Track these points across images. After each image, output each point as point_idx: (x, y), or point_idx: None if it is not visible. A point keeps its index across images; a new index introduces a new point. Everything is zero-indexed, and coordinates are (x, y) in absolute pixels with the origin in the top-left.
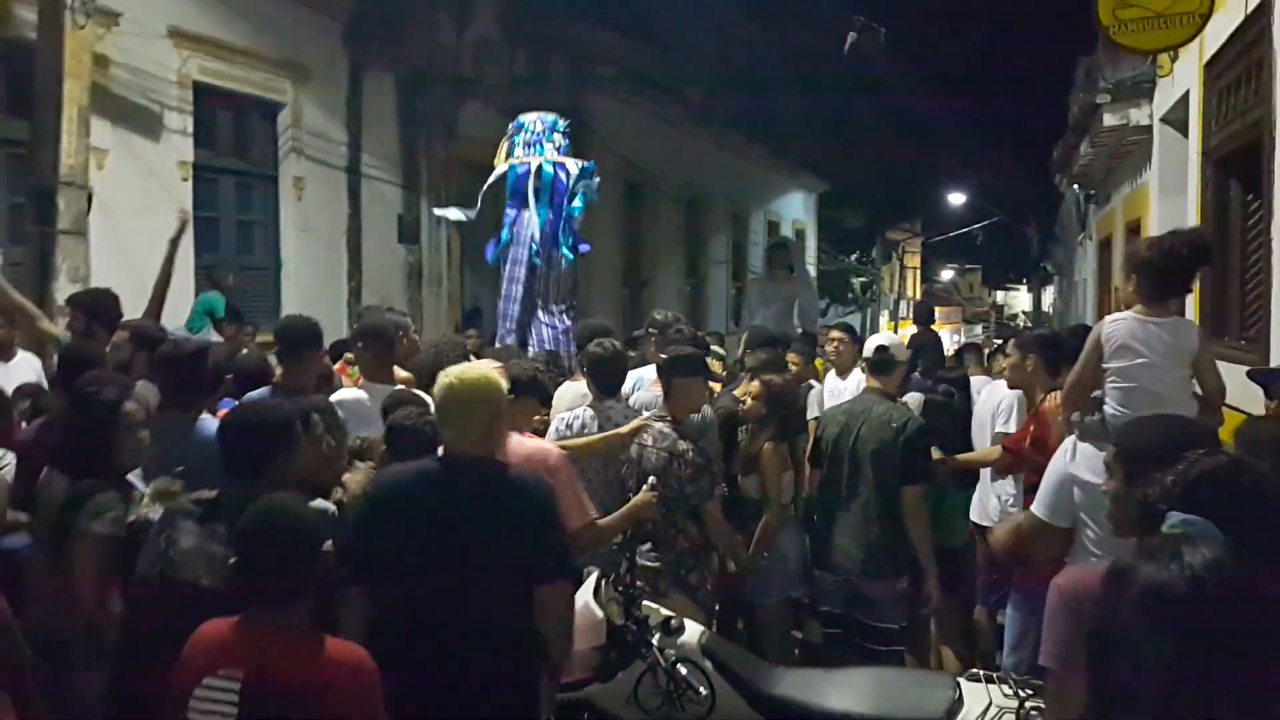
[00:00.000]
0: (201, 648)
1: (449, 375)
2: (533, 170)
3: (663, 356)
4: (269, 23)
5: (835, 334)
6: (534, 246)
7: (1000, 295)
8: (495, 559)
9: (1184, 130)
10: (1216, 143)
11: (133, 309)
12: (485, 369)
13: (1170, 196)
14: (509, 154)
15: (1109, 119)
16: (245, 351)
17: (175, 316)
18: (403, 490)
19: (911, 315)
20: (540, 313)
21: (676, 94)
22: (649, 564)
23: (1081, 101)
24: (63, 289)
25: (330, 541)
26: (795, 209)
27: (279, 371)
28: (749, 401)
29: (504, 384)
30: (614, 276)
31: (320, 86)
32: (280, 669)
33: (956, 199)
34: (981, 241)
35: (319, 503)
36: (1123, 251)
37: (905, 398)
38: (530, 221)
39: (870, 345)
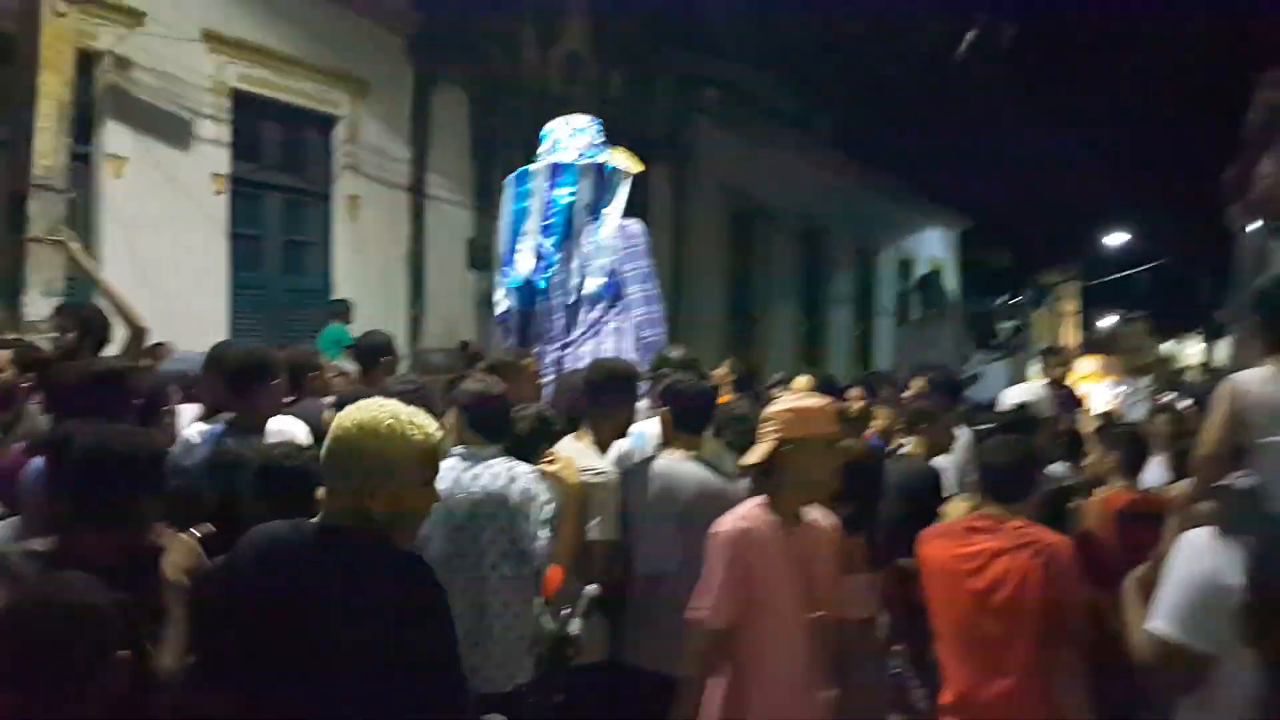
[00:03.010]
0: None
1: (348, 413)
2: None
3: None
4: (323, 31)
5: (916, 382)
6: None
7: (1169, 345)
8: (364, 672)
9: None
10: None
11: (156, 331)
12: (393, 409)
13: None
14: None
15: None
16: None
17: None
18: (258, 564)
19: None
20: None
21: (791, 119)
22: None
23: (1265, 103)
24: (34, 303)
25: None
26: (932, 246)
27: None
28: None
29: (418, 436)
30: (719, 313)
31: (381, 100)
32: None
33: (1117, 239)
34: (1146, 287)
35: None
36: None
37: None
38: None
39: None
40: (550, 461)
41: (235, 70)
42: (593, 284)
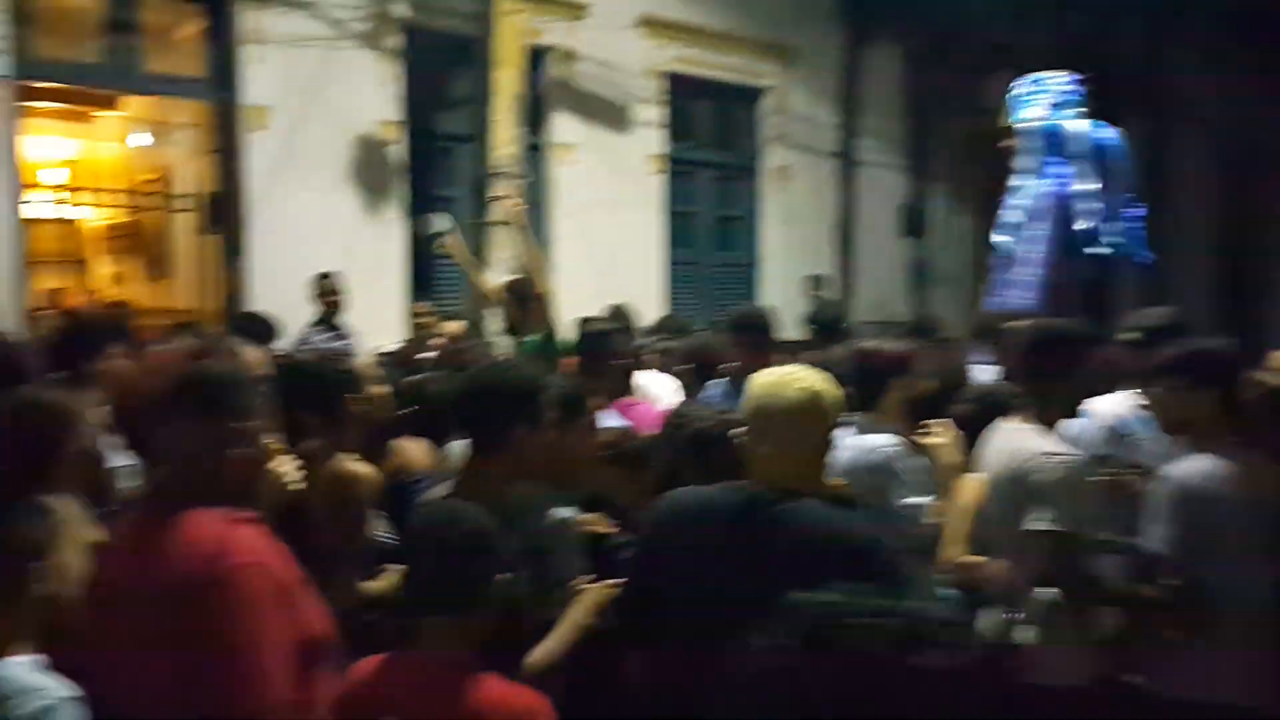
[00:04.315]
0: (356, 689)
1: (774, 375)
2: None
3: None
4: (751, 3)
5: None
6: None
7: None
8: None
9: None
10: None
11: (599, 307)
12: (820, 374)
13: None
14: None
15: None
16: None
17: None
18: (686, 525)
19: None
20: None
21: None
22: None
23: None
24: (495, 281)
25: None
26: None
27: None
28: None
29: (831, 400)
30: (1208, 284)
31: (809, 67)
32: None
33: None
34: None
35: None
36: None
37: None
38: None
39: None
40: (925, 433)
41: (669, 52)
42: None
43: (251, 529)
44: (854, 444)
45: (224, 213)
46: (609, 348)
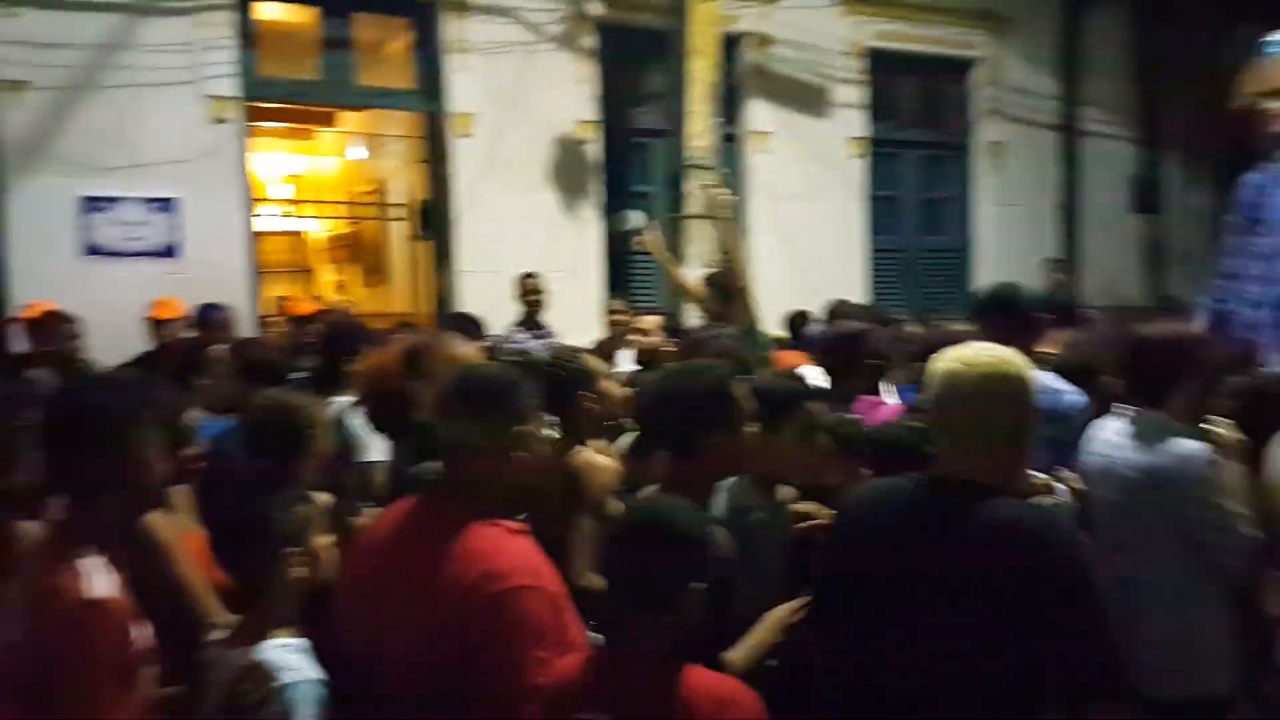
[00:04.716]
0: (563, 684)
1: (952, 359)
2: None
3: None
4: None
5: None
6: None
7: None
8: (991, 644)
9: None
10: None
11: (797, 297)
12: (1008, 355)
13: None
14: None
15: None
16: None
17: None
18: (864, 517)
19: None
20: None
21: None
22: None
23: None
24: (692, 276)
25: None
26: None
27: None
28: None
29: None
30: None
31: (1024, 34)
32: (640, 709)
33: None
34: None
35: None
36: None
37: None
38: None
39: None
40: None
41: (870, 29)
42: None
43: (526, 542)
44: (1161, 448)
45: (434, 219)
46: (861, 347)
